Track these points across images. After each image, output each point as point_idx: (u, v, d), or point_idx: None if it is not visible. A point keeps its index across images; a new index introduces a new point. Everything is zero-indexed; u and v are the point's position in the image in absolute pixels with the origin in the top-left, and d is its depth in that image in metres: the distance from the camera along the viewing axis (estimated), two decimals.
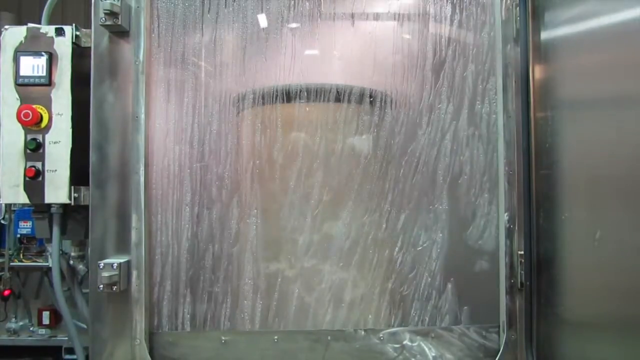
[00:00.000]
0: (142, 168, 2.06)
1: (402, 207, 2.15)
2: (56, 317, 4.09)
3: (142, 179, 2.06)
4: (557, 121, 1.98)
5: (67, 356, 4.07)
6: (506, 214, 2.11)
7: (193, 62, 2.14)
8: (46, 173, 2.11)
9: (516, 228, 2.11)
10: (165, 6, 2.14)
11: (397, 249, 2.15)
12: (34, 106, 2.08)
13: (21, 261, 4.03)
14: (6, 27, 2.16)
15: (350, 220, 2.14)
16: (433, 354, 2.14)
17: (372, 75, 2.16)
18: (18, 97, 2.12)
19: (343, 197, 2.14)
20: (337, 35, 2.17)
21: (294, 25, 2.16)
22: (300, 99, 2.14)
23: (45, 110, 2.11)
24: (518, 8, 2.12)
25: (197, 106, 2.13)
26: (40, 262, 3.99)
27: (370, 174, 2.15)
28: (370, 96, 2.15)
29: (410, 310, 2.15)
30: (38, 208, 2.18)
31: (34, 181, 2.10)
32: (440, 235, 2.15)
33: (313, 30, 2.16)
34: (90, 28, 2.12)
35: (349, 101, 2.15)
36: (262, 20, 2.16)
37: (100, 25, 2.04)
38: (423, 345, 2.14)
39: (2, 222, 3.95)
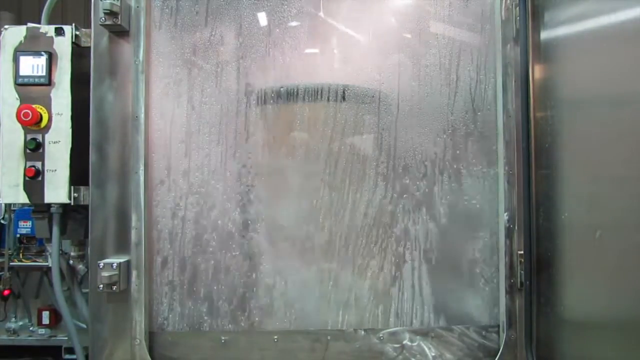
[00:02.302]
0: (141, 168, 2.06)
1: (401, 206, 2.15)
2: (56, 316, 4.08)
3: (141, 178, 2.06)
4: (557, 121, 1.98)
5: (67, 356, 4.06)
6: (506, 213, 2.11)
7: (193, 62, 2.14)
8: (46, 173, 2.11)
9: (516, 228, 2.11)
10: (164, 6, 2.14)
11: (396, 248, 2.15)
12: (33, 106, 2.08)
13: (21, 261, 4.02)
14: (6, 26, 2.16)
15: (350, 219, 2.14)
16: (433, 354, 2.14)
17: (369, 74, 2.16)
18: (18, 97, 2.12)
19: (340, 194, 2.14)
20: (333, 35, 2.17)
21: (294, 23, 2.16)
22: (302, 98, 2.14)
23: (45, 110, 2.11)
24: (518, 8, 2.11)
25: (197, 105, 2.13)
26: (40, 262, 3.98)
27: (368, 174, 2.15)
28: (369, 96, 2.15)
29: (410, 309, 2.15)
30: (38, 208, 2.19)
31: (34, 181, 2.10)
32: (440, 234, 2.15)
33: (314, 28, 2.16)
34: (90, 28, 2.13)
35: (345, 100, 2.15)
36: (262, 19, 2.16)
37: (100, 25, 2.04)
38: (423, 345, 2.14)
39: (2, 221, 3.95)
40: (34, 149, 2.10)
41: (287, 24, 2.16)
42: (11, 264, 3.96)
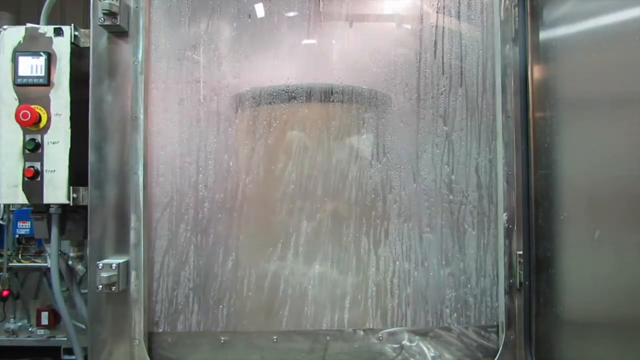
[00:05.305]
0: (140, 168, 2.06)
1: (400, 206, 2.15)
2: (55, 317, 4.08)
3: (140, 179, 2.06)
4: (556, 121, 1.99)
5: (66, 356, 4.07)
6: (505, 214, 2.12)
7: (192, 62, 2.14)
8: (45, 173, 2.10)
9: (515, 228, 2.11)
10: (164, 6, 2.14)
11: (395, 248, 2.15)
12: (32, 106, 2.08)
13: (20, 261, 4.02)
14: (5, 27, 2.16)
15: (348, 219, 2.14)
16: (432, 354, 2.14)
17: (367, 75, 2.16)
18: (17, 97, 2.11)
19: (339, 192, 2.14)
20: (335, 35, 2.17)
21: (299, 24, 2.16)
22: (303, 98, 2.14)
23: (44, 111, 2.11)
24: (517, 8, 2.12)
25: (197, 106, 2.13)
26: (39, 263, 3.99)
27: (366, 174, 2.15)
28: (369, 96, 2.15)
29: (409, 310, 2.15)
30: (37, 208, 2.18)
31: (33, 181, 2.09)
32: (439, 234, 2.15)
33: (316, 27, 2.16)
34: (89, 28, 2.12)
35: (343, 101, 2.15)
36: (263, 19, 2.16)
37: (99, 25, 2.04)
38: (422, 345, 2.14)
39: (1, 222, 3.95)
40: (33, 149, 2.10)
41: (290, 23, 2.15)
42: (10, 264, 3.97)
